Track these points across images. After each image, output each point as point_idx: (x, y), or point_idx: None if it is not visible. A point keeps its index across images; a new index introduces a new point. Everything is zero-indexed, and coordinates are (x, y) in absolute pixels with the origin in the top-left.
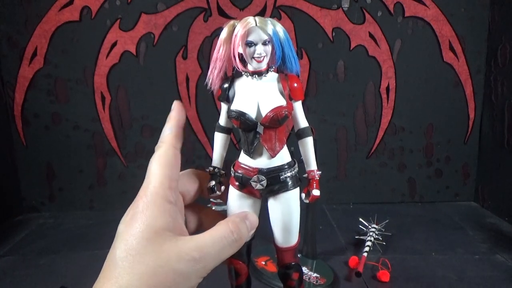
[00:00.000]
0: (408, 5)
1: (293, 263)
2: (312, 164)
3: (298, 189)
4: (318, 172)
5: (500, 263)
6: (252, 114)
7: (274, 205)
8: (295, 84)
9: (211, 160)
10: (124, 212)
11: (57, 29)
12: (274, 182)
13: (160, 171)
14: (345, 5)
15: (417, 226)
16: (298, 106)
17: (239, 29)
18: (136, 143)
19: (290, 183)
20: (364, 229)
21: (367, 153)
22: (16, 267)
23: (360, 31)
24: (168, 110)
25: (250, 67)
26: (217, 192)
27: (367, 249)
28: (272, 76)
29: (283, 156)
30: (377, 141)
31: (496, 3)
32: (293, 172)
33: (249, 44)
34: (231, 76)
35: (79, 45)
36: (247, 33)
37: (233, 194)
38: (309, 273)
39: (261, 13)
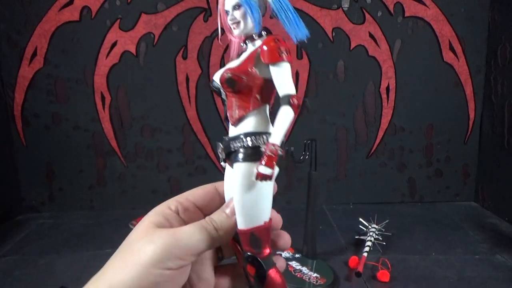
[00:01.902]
0: (408, 5)
1: (248, 253)
2: (273, 137)
3: (250, 163)
4: (274, 147)
5: (500, 263)
6: (217, 80)
7: (234, 175)
8: (265, 47)
9: (211, 160)
10: (124, 212)
11: (57, 29)
12: (229, 153)
13: (182, 194)
14: (345, 5)
15: (417, 226)
16: (273, 70)
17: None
18: (136, 143)
19: (241, 155)
20: (364, 229)
21: (367, 153)
22: (16, 267)
23: (360, 31)
24: (168, 110)
25: (234, 33)
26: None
27: (367, 249)
28: (259, 42)
29: (247, 125)
30: (377, 141)
31: (496, 3)
32: (248, 143)
33: (227, 12)
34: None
35: (79, 45)
36: (223, 2)
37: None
38: (309, 273)
39: None
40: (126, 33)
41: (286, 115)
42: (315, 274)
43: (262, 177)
